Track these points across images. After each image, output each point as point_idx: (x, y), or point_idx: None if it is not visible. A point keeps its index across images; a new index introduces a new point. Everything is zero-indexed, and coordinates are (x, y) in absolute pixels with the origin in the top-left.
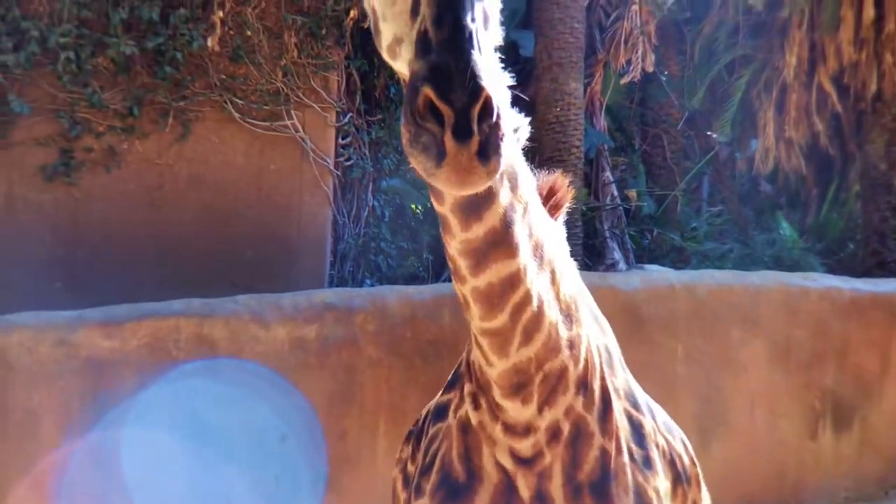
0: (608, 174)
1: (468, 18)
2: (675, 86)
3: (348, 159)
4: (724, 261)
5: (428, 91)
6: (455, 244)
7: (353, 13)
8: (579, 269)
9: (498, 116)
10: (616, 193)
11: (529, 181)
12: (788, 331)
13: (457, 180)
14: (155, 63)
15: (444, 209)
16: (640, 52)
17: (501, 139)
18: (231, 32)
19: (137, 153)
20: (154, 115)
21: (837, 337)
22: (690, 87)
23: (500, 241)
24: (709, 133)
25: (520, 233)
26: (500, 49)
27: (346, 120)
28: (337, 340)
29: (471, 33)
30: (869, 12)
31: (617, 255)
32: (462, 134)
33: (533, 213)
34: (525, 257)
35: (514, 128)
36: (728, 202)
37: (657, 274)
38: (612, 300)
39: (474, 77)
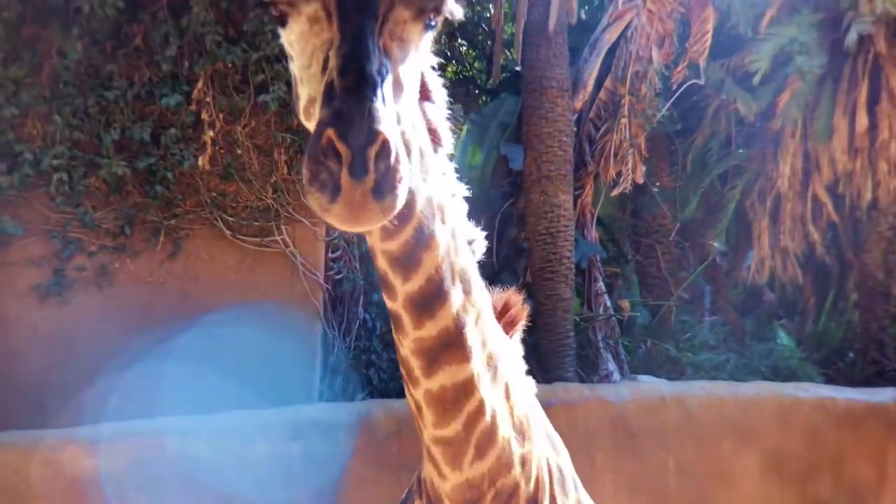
0: (601, 284)
1: (372, 69)
2: (667, 196)
3: (338, 273)
4: (720, 371)
5: (329, 132)
6: (408, 343)
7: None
8: (572, 379)
9: (396, 159)
10: (609, 304)
11: (483, 291)
12: (782, 442)
13: (349, 216)
14: (146, 182)
15: (396, 305)
16: (630, 164)
17: (399, 181)
18: (222, 151)
19: (129, 272)
20: (145, 233)
21: (832, 447)
22: (683, 197)
23: (453, 343)
24: (703, 242)
25: (473, 338)
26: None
27: (335, 234)
28: (322, 457)
29: (374, 83)
30: (862, 121)
31: (611, 365)
32: (358, 172)
33: (486, 323)
34: (478, 365)
35: (471, 240)
36: (725, 312)
37: (647, 385)
38: (601, 412)
39: (374, 121)
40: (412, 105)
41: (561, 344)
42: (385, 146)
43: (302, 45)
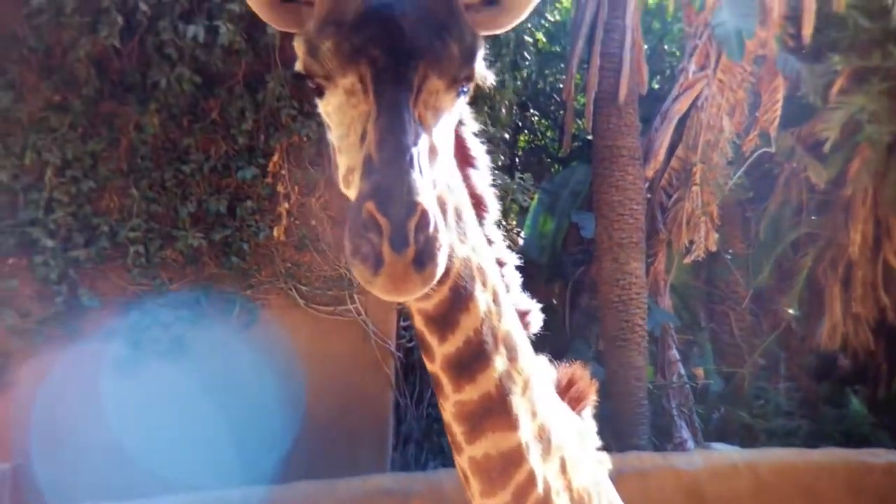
0: (674, 352)
1: (409, 141)
2: (740, 263)
3: (410, 341)
4: (793, 437)
5: (370, 205)
6: (449, 407)
7: None
8: (646, 447)
9: (435, 228)
10: (683, 371)
11: (533, 361)
12: None
13: (392, 287)
14: (222, 254)
15: (434, 367)
16: (702, 231)
17: (438, 250)
18: (296, 222)
19: (205, 342)
20: (221, 304)
21: None
22: (756, 264)
23: (497, 409)
24: (776, 309)
25: (519, 407)
26: (563, 230)
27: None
28: None
29: (411, 155)
30: None
31: (685, 433)
32: (399, 244)
33: (537, 393)
34: (527, 435)
35: (524, 311)
36: (798, 378)
37: (720, 453)
38: (674, 480)
39: (412, 192)
40: (445, 167)
41: (634, 412)
42: (424, 217)
43: (340, 116)
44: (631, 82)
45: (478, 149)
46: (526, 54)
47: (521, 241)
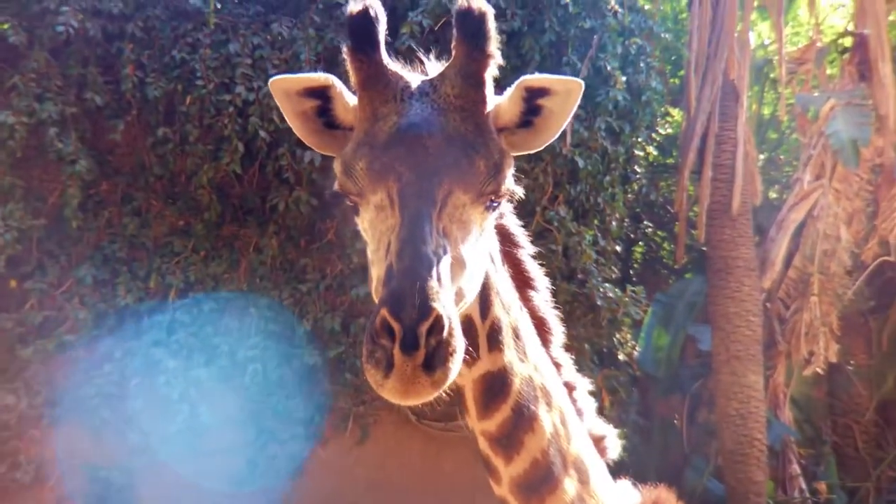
0: (795, 466)
1: (428, 250)
2: (862, 375)
3: None
4: None
5: (384, 311)
6: None
7: None
8: None
9: (449, 334)
10: (804, 486)
11: (606, 483)
12: None
13: (402, 389)
14: (337, 371)
15: (502, 490)
16: (822, 342)
17: (451, 355)
18: None
19: (319, 458)
20: (335, 420)
21: None
22: (879, 375)
23: None
24: None
25: None
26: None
27: None
28: None
29: (430, 264)
30: None
31: None
32: (409, 347)
33: None
34: None
35: (600, 436)
36: None
37: None
38: None
39: (426, 298)
40: (476, 280)
41: None
42: (437, 322)
43: (372, 232)
44: (744, 193)
45: (536, 271)
46: (637, 168)
47: (636, 355)
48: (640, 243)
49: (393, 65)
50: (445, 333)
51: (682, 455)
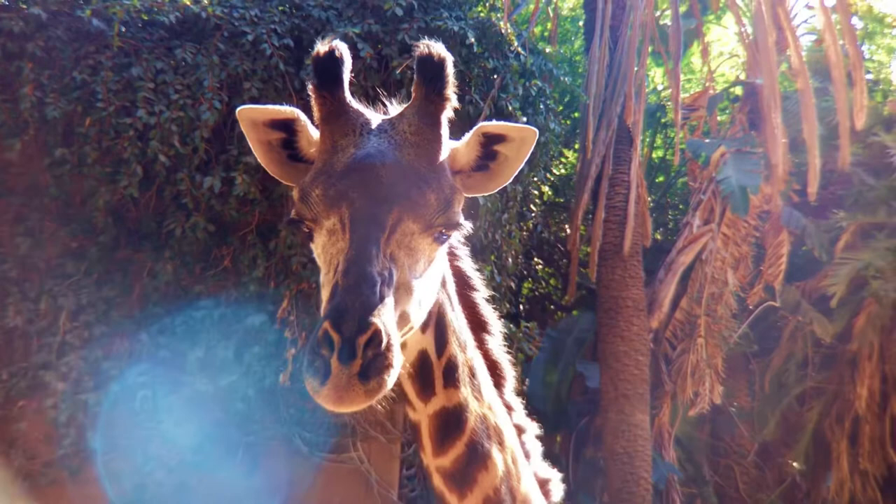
0: None
1: (372, 270)
2: (745, 416)
3: (412, 490)
4: None
5: (326, 324)
6: None
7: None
8: None
9: (387, 348)
10: None
11: None
12: None
13: (336, 396)
14: (228, 399)
15: None
16: (707, 384)
17: (386, 367)
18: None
19: (206, 486)
20: (225, 449)
21: None
22: (761, 418)
23: None
24: (781, 462)
25: None
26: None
27: (410, 451)
28: None
29: (373, 282)
30: None
31: None
32: (346, 357)
33: None
34: None
35: (545, 479)
36: None
37: None
38: None
39: (367, 314)
40: (423, 306)
41: None
42: (376, 336)
43: (324, 255)
44: (635, 234)
45: (490, 315)
46: (532, 206)
47: (525, 390)
48: (531, 280)
49: (354, 103)
50: (383, 347)
51: (568, 492)
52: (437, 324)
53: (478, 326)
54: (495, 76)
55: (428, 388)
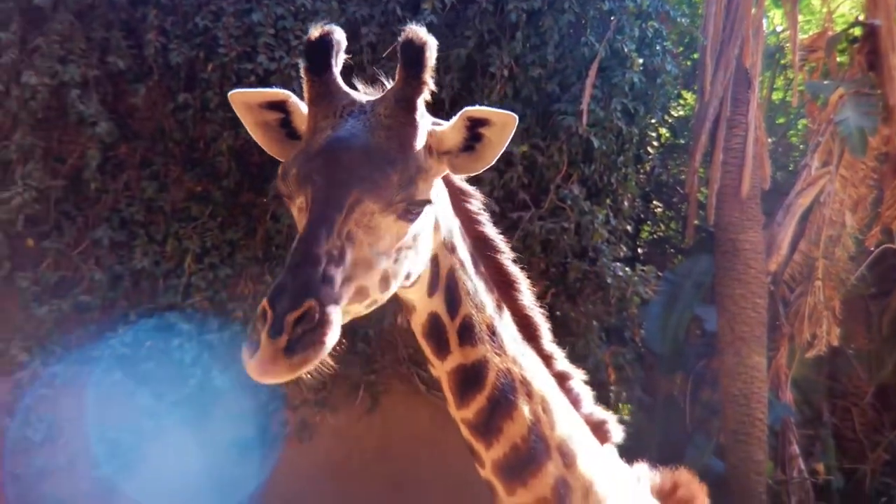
0: (795, 447)
1: (319, 251)
2: (862, 358)
3: None
4: None
5: (265, 302)
6: None
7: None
8: None
9: (319, 324)
10: (803, 467)
11: (599, 464)
12: None
13: (260, 369)
14: (348, 340)
15: (486, 472)
16: (824, 326)
17: (314, 343)
18: None
19: (329, 426)
20: (346, 388)
21: None
22: (879, 360)
23: None
24: None
25: None
26: (685, 321)
27: None
28: None
29: (317, 261)
30: None
31: None
32: (275, 332)
33: (605, 496)
34: None
35: (600, 420)
36: None
37: None
38: None
39: (302, 292)
40: (391, 281)
41: None
42: (309, 312)
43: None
44: (753, 177)
45: (517, 274)
46: (649, 149)
47: (642, 333)
48: (649, 223)
49: (344, 86)
50: (315, 324)
51: (685, 433)
52: (446, 287)
53: (506, 286)
54: (611, 18)
55: (443, 347)
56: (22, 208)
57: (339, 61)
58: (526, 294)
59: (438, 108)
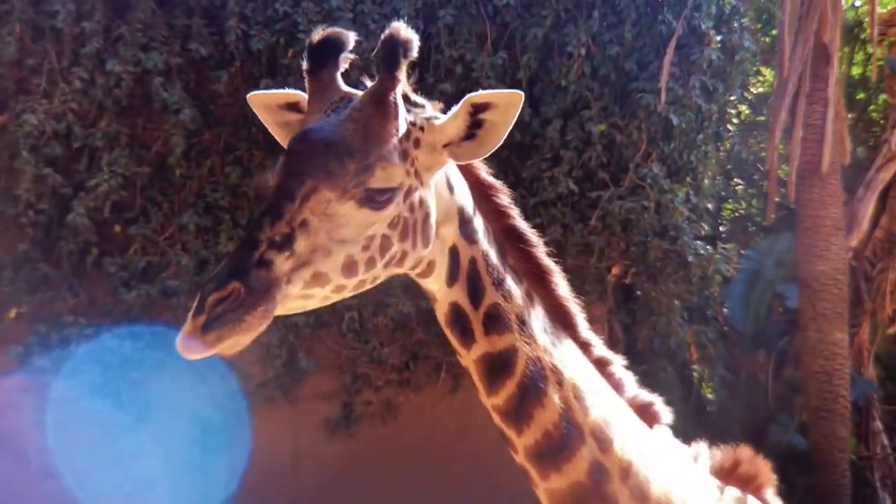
0: (878, 423)
1: (261, 237)
2: None
3: None
4: None
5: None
6: (541, 494)
7: (614, 270)
8: None
9: (241, 305)
10: (887, 443)
11: (645, 445)
12: None
13: (181, 346)
14: (430, 320)
15: (520, 458)
16: None
17: (230, 323)
18: None
19: (412, 405)
20: (428, 368)
21: None
22: None
23: (591, 497)
24: None
25: (620, 493)
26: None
27: None
28: None
29: (254, 247)
30: None
31: None
32: (197, 312)
33: (642, 479)
34: None
35: (647, 403)
36: None
37: None
38: None
39: (233, 276)
40: (352, 268)
41: (837, 484)
42: (233, 294)
43: None
44: (833, 153)
45: (550, 265)
46: (729, 126)
47: (725, 311)
48: (730, 201)
49: (340, 84)
50: (236, 306)
51: (768, 410)
52: (468, 277)
53: (538, 277)
54: None
55: (468, 337)
56: (108, 195)
57: (339, 61)
58: (560, 285)
59: (515, 89)
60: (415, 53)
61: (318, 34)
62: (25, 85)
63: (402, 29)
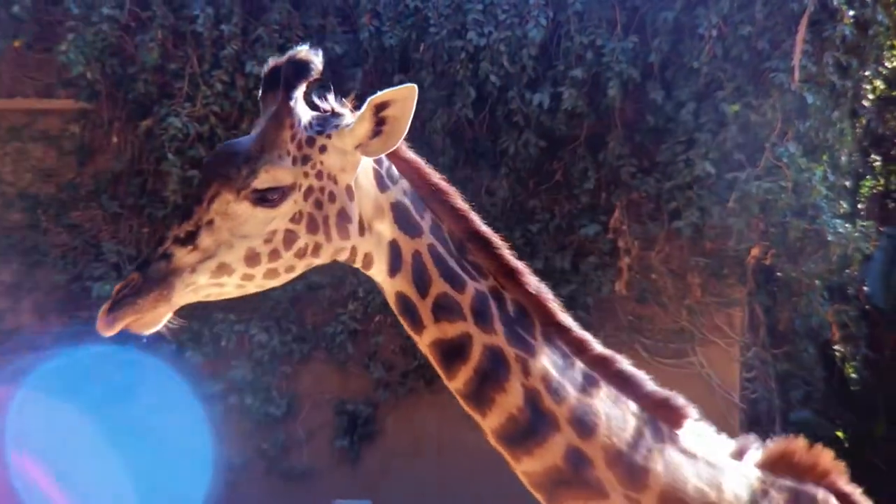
0: None
1: (167, 234)
2: None
3: (753, 392)
4: None
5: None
6: (521, 476)
7: (754, 251)
8: None
9: (135, 291)
10: None
11: (629, 433)
12: None
13: (97, 326)
14: (567, 308)
15: (493, 440)
16: None
17: (126, 305)
18: (637, 276)
19: None
20: None
21: None
22: None
23: (570, 481)
24: None
25: (606, 479)
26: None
27: (750, 354)
28: None
29: (161, 244)
30: None
31: None
32: (111, 298)
33: (641, 467)
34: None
35: (664, 398)
36: None
37: None
38: None
39: (136, 269)
40: (256, 259)
41: None
42: (132, 283)
43: None
44: None
45: (516, 263)
46: (864, 102)
47: (865, 289)
48: (868, 177)
49: (294, 102)
50: (134, 292)
51: None
52: (413, 269)
53: (507, 274)
54: None
55: (417, 324)
56: None
57: (294, 81)
58: (531, 283)
59: (647, 73)
60: (316, 73)
61: (272, 62)
62: (168, 89)
63: (301, 52)
